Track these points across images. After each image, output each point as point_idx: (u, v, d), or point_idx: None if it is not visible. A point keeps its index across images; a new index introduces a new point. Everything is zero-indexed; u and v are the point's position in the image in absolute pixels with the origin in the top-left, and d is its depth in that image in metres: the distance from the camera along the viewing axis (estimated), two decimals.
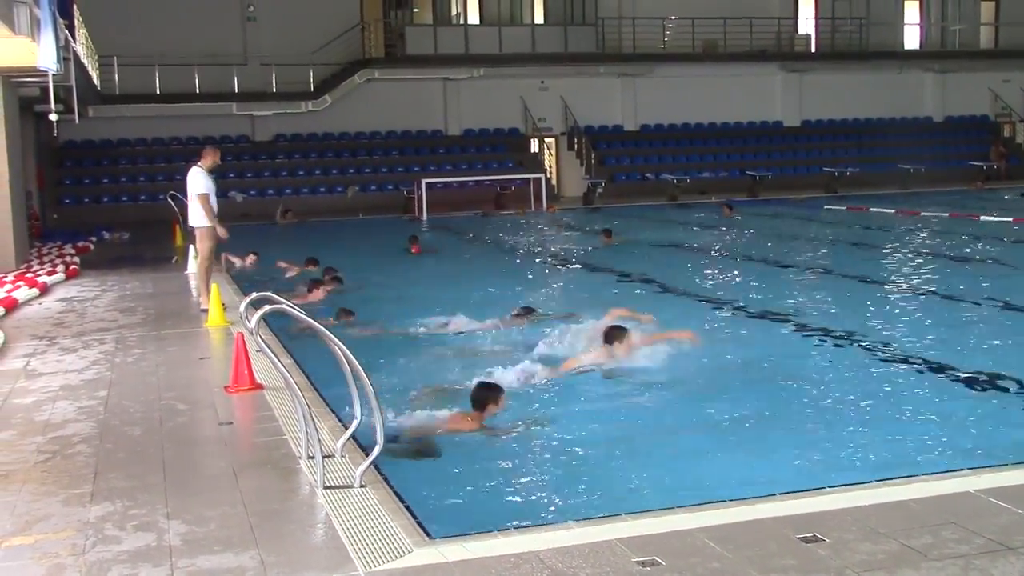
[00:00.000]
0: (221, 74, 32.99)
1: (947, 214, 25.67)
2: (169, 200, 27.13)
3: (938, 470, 6.39)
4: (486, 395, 7.98)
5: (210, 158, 13.45)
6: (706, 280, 16.26)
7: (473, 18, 36.93)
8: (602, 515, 5.82)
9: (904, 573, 4.85)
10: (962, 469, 6.35)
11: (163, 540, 5.51)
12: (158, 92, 32.37)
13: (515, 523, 5.81)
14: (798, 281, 15.77)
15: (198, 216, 13.31)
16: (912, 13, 41.69)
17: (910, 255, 18.60)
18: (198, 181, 13.27)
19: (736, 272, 16.84)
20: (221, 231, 13.28)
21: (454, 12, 37.18)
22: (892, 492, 5.98)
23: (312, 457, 6.44)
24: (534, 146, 37.38)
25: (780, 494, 5.96)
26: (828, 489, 6.05)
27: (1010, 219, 23.83)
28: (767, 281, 15.68)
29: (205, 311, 12.71)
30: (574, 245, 22.29)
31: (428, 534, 5.54)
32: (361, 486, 6.23)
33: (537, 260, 19.97)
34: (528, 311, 12.42)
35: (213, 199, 13.34)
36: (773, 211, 28.75)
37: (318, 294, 14.26)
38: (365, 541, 5.40)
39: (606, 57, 36.65)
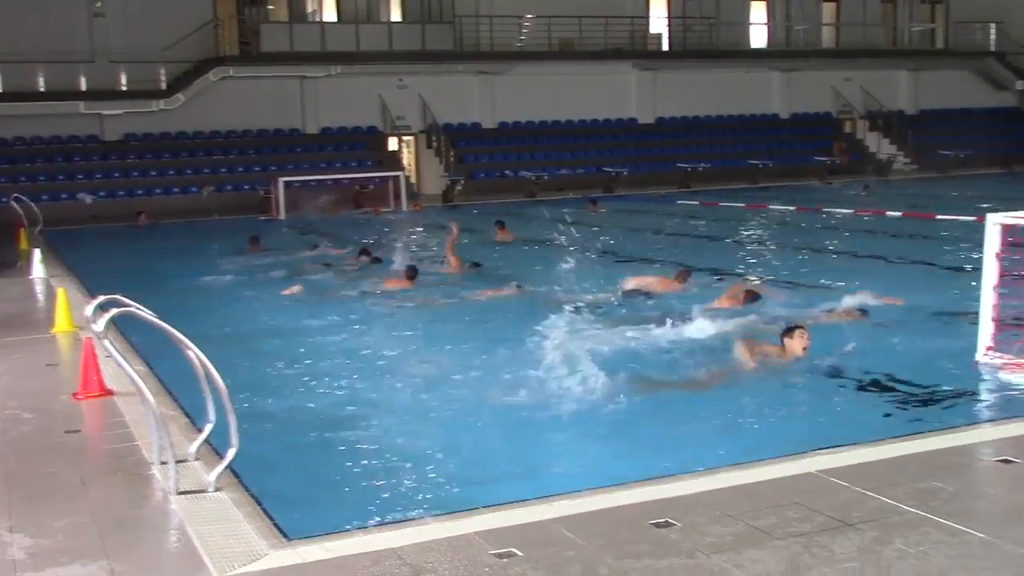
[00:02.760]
0: (67, 72, 31.80)
1: (794, 208, 26.61)
2: (14, 203, 26.19)
3: (783, 453, 6.64)
4: None
5: None
6: (573, 274, 16.39)
7: (330, 15, 36.52)
8: (461, 509, 5.86)
9: (750, 553, 5.04)
10: (804, 451, 6.61)
11: (6, 554, 5.33)
12: (0, 91, 31.05)
13: (375, 520, 5.81)
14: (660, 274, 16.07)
15: None
16: (758, 13, 43.02)
17: (759, 247, 19.20)
18: None
19: (599, 266, 17.09)
20: None
21: (310, 9, 36.70)
22: (740, 476, 6.20)
23: (164, 462, 6.31)
24: (393, 144, 37.23)
25: (633, 482, 6.11)
26: (680, 475, 6.23)
27: (851, 211, 24.86)
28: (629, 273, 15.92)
29: None
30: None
31: (285, 535, 5.50)
32: (216, 490, 6.14)
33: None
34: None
35: None
36: (633, 207, 29.29)
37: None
38: (219, 545, 5.32)
39: (464, 55, 36.71)
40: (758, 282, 13.85)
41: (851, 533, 5.23)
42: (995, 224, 8.89)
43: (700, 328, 11.09)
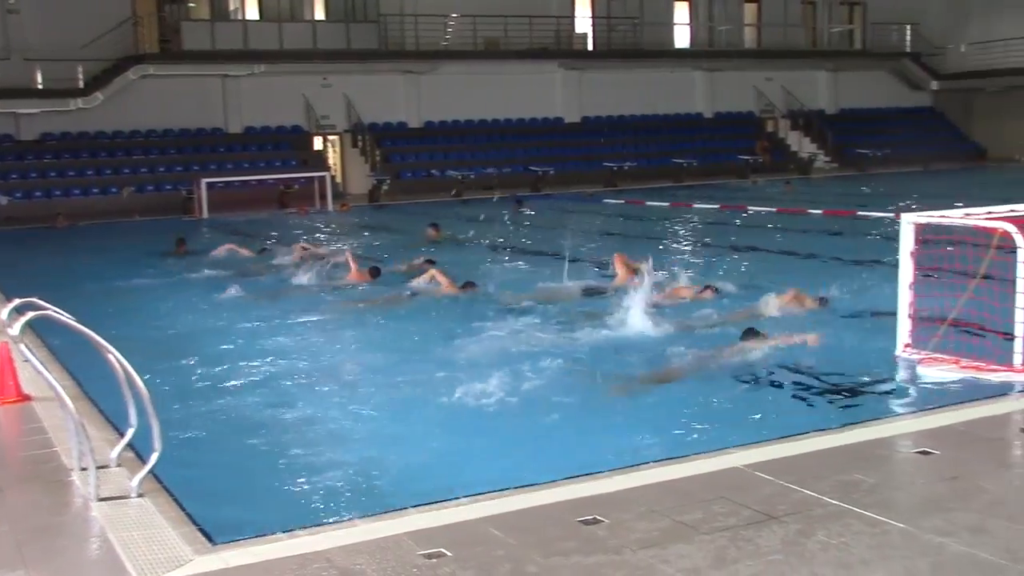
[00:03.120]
0: None
1: (718, 206, 26.93)
2: None
3: (710, 449, 6.72)
4: None
5: None
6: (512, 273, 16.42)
7: (252, 14, 36.06)
8: (389, 510, 5.83)
9: (677, 548, 5.09)
10: (730, 447, 6.69)
11: None
12: None
13: (302, 523, 5.75)
14: (585, 273, 16.13)
15: None
16: (681, 14, 43.48)
17: (684, 244, 19.40)
18: None
19: (524, 265, 17.13)
20: None
21: (232, 7, 36.21)
22: (667, 472, 6.26)
23: (85, 468, 6.18)
24: (318, 144, 36.92)
25: (562, 480, 6.13)
26: (608, 472, 6.27)
27: (775, 209, 25.24)
28: (556, 271, 15.98)
29: None
30: (388, 242, 21.89)
31: (210, 540, 5.42)
32: (139, 496, 6.03)
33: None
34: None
35: None
36: (560, 206, 29.41)
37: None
38: (142, 552, 5.22)
39: (389, 54, 36.52)
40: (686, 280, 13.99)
41: (775, 526, 5.31)
42: (909, 223, 9.08)
43: (643, 325, 11.20)
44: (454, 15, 37.81)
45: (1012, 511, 5.42)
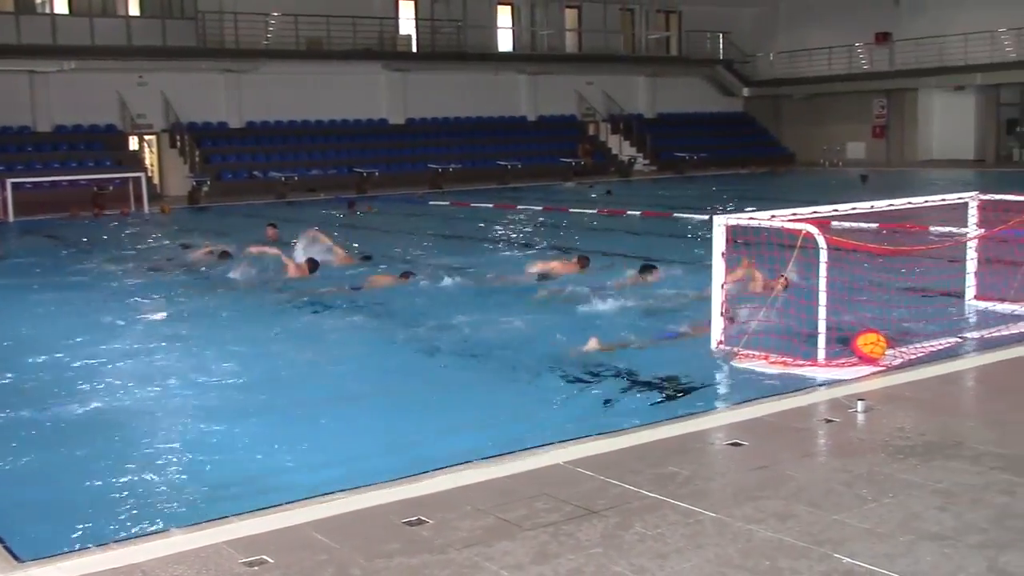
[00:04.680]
0: None
1: (541, 207, 27.35)
2: None
3: (532, 446, 6.82)
4: None
5: None
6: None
7: (61, 7, 34.56)
8: (208, 518, 5.69)
9: (501, 545, 5.16)
10: (552, 443, 6.81)
11: None
12: None
13: (116, 536, 5.57)
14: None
15: None
16: (504, 18, 43.97)
17: (511, 245, 19.62)
18: None
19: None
20: None
21: (39, 0, 34.66)
22: (491, 471, 6.33)
23: None
24: (133, 143, 35.68)
25: (386, 481, 6.12)
26: (432, 473, 6.29)
27: (595, 211, 25.82)
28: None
29: None
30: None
31: (16, 557, 5.18)
32: None
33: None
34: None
35: None
36: (389, 207, 29.28)
37: None
38: None
39: (208, 52, 35.59)
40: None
41: (596, 520, 5.45)
42: (720, 225, 9.45)
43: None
44: (275, 13, 37.17)
45: (814, 497, 5.71)
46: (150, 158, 35.83)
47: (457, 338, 11.08)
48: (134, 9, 35.82)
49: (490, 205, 28.58)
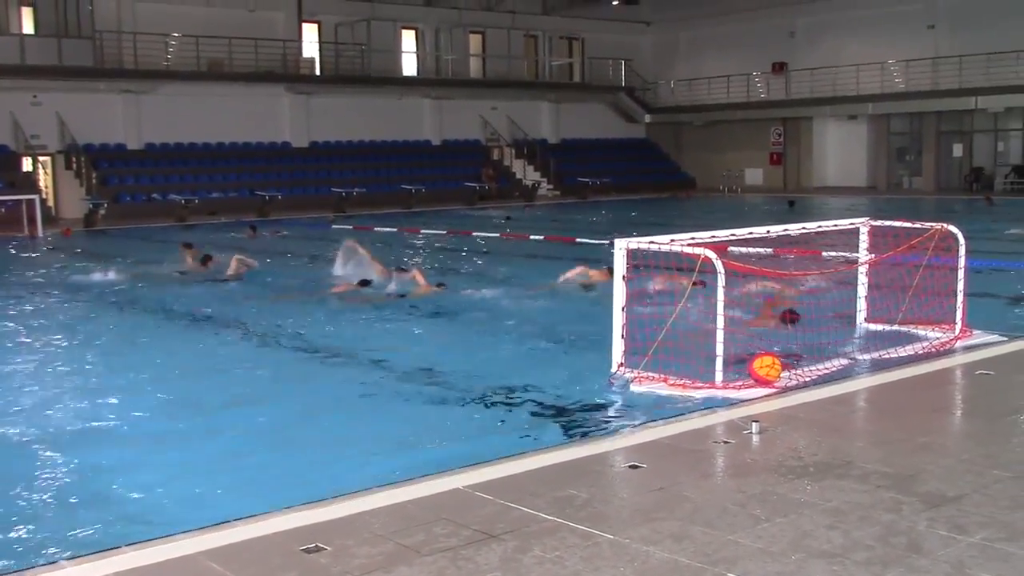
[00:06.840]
0: None
1: (445, 231, 27.38)
2: None
3: (431, 472, 6.81)
4: None
5: None
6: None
7: None
8: (100, 549, 5.56)
9: (399, 571, 5.14)
10: (452, 468, 6.81)
11: None
12: None
13: (2, 569, 5.41)
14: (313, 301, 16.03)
15: None
16: (409, 42, 44.05)
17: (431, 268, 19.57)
18: None
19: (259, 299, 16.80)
20: None
21: None
22: (390, 496, 6.29)
23: None
24: (27, 165, 34.77)
25: (283, 508, 6.05)
26: (331, 499, 6.24)
27: (498, 235, 25.95)
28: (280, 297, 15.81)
29: None
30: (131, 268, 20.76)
31: None
32: None
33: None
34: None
35: None
36: (292, 231, 28.98)
37: None
38: None
39: (105, 72, 34.94)
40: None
41: (495, 544, 5.46)
42: (621, 249, 9.58)
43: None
44: (175, 34, 36.66)
45: (709, 518, 5.81)
46: (44, 180, 34.95)
47: (353, 361, 11.02)
48: (28, 27, 35.00)
49: (394, 229, 28.52)
